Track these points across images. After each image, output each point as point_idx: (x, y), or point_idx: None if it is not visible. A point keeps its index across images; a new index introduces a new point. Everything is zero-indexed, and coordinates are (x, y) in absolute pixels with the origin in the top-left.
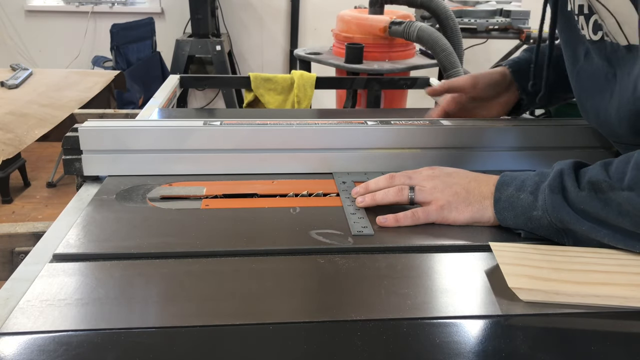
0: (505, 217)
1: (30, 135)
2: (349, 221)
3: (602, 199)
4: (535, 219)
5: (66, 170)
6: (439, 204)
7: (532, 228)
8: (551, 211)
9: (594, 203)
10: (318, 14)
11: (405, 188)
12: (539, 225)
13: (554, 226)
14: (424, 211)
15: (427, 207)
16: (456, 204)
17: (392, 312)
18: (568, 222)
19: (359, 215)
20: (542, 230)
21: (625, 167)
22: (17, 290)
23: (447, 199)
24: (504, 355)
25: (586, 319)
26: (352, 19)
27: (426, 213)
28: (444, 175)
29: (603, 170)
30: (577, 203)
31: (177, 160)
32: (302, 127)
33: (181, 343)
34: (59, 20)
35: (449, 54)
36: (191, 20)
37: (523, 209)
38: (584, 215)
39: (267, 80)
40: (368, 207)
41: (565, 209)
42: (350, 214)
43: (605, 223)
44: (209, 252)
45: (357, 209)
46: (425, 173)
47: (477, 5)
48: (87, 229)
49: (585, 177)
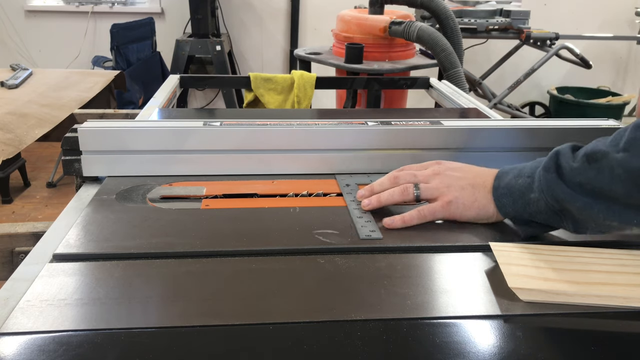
0: (504, 204)
1: (30, 135)
2: (356, 225)
3: (595, 167)
4: (533, 202)
5: (65, 170)
6: (445, 200)
7: (530, 213)
8: (546, 190)
9: (587, 173)
10: (318, 14)
11: (411, 187)
12: (537, 209)
13: (551, 208)
14: (430, 209)
15: (433, 204)
16: (463, 199)
17: (392, 312)
18: (563, 200)
19: (365, 218)
20: (541, 216)
21: (624, 133)
22: (17, 290)
23: (453, 195)
24: (504, 355)
25: (586, 319)
26: (352, 19)
27: (432, 210)
28: (450, 170)
29: (602, 141)
30: (571, 177)
31: (177, 161)
32: (302, 127)
33: (181, 343)
34: (59, 20)
35: (449, 54)
36: (191, 20)
37: (520, 193)
38: (579, 189)
39: (267, 80)
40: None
41: (559, 187)
42: (357, 217)
43: (600, 195)
44: (209, 252)
45: (363, 212)
46: (430, 169)
47: (477, 5)
48: (87, 229)
49: (582, 152)
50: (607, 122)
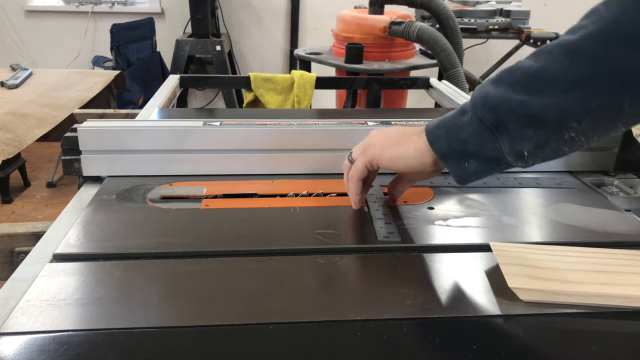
0: (437, 137)
1: (30, 135)
2: (375, 226)
3: (530, 57)
4: (466, 125)
5: (65, 170)
6: (365, 144)
7: (463, 140)
8: (479, 100)
9: (520, 64)
10: (318, 14)
11: (345, 160)
12: (471, 132)
13: (485, 124)
14: (354, 160)
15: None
16: (382, 141)
17: (392, 312)
18: (496, 105)
19: (385, 220)
20: (474, 140)
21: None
22: (17, 290)
23: (373, 139)
24: (504, 355)
25: (586, 319)
26: (352, 19)
27: (356, 161)
28: (379, 132)
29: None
30: (504, 77)
31: (177, 161)
32: (302, 127)
33: (181, 343)
34: (59, 20)
35: (449, 54)
36: (191, 20)
37: (453, 119)
38: (512, 87)
39: (267, 80)
40: (393, 209)
41: (493, 90)
42: (377, 219)
43: (535, 85)
44: (209, 252)
45: (384, 213)
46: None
47: (477, 5)
48: (87, 229)
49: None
50: None
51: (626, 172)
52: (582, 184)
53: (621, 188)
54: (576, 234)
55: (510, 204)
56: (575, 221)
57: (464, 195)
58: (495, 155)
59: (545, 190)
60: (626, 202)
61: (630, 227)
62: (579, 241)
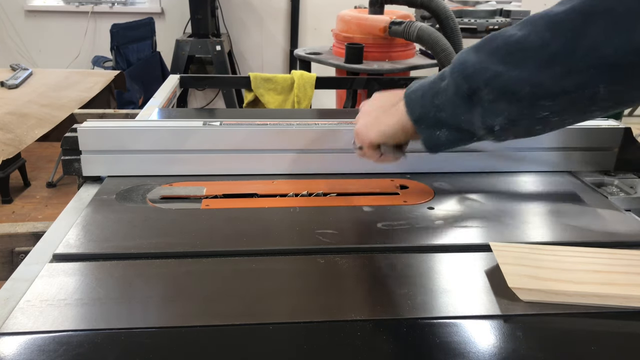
0: (413, 100)
1: (30, 135)
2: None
3: (517, 25)
4: (442, 91)
5: (65, 170)
6: (356, 127)
7: (438, 106)
8: (457, 66)
9: (505, 31)
10: (318, 14)
11: (356, 150)
12: (445, 100)
13: (460, 92)
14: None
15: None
16: (370, 119)
17: (392, 312)
18: (472, 74)
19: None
20: (448, 109)
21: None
22: (17, 290)
23: (360, 121)
24: (504, 355)
25: (586, 319)
26: (352, 19)
27: (363, 148)
28: (366, 107)
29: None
30: (486, 44)
31: (177, 161)
32: (302, 127)
33: (181, 343)
34: (59, 20)
35: (449, 54)
36: (191, 20)
37: (431, 84)
38: (491, 56)
39: (267, 80)
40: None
41: (473, 57)
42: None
43: (513, 56)
44: (209, 252)
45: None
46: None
47: (477, 5)
48: (87, 229)
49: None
50: (607, 122)
51: (626, 172)
52: (582, 184)
53: (621, 188)
54: (576, 234)
55: (510, 204)
56: (575, 221)
57: (464, 195)
58: (467, 128)
59: (545, 191)
60: (626, 202)
61: (630, 227)
62: (579, 241)
